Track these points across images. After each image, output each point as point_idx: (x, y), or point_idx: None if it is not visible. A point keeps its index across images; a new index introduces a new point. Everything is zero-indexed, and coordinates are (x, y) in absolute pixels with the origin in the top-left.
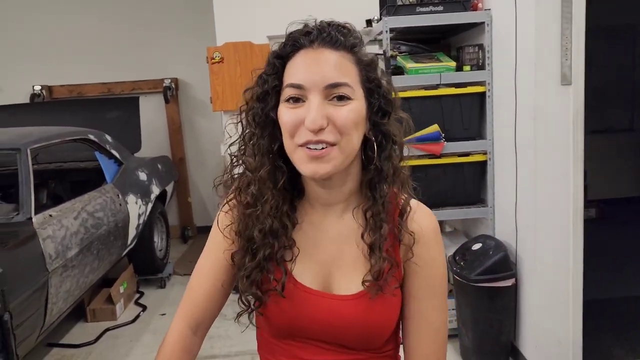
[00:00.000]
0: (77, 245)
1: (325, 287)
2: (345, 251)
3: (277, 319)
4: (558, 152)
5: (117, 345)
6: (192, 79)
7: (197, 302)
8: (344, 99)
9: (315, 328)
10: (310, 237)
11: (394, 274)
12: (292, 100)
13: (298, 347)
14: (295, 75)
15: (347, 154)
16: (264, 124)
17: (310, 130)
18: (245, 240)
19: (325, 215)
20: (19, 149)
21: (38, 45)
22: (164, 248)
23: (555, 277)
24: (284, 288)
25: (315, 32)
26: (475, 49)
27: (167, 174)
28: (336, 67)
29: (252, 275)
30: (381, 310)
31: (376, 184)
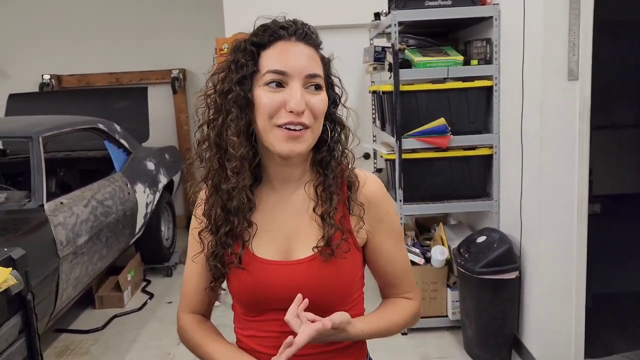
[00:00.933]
0: (87, 233)
1: (284, 257)
2: (301, 222)
3: (240, 292)
4: (564, 147)
5: (124, 331)
6: (200, 70)
7: (191, 295)
8: (319, 88)
9: (277, 296)
10: (269, 215)
11: (345, 240)
12: (275, 84)
13: (266, 320)
14: (278, 63)
15: (314, 137)
16: (244, 106)
17: (295, 112)
18: (209, 219)
19: (282, 193)
20: (30, 137)
21: (47, 35)
22: (170, 237)
23: (559, 270)
24: (241, 260)
25: (293, 27)
26: (483, 43)
27: (174, 164)
28: (312, 59)
29: (215, 251)
30: (334, 272)
31: (328, 162)
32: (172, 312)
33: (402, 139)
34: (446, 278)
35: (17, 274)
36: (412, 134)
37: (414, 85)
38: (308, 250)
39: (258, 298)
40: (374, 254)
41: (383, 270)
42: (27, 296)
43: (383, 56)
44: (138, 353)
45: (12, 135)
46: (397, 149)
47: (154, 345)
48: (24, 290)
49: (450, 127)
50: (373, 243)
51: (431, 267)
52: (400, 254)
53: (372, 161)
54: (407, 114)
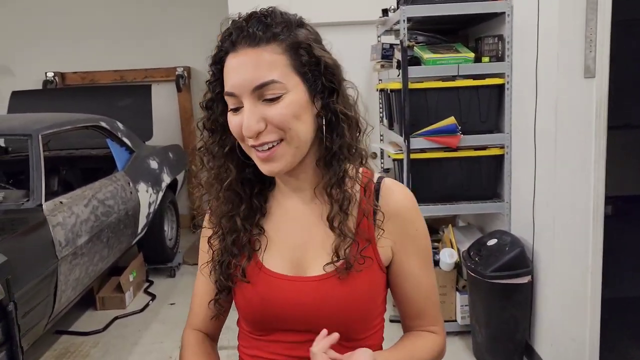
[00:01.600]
0: (87, 233)
1: (296, 272)
2: (315, 234)
3: (246, 308)
4: (579, 147)
5: (125, 334)
6: (205, 68)
7: (198, 309)
8: (275, 99)
9: (286, 315)
10: (281, 224)
11: (363, 252)
12: (233, 109)
13: (273, 341)
14: (227, 83)
15: (297, 145)
16: (213, 130)
17: (248, 137)
18: (217, 226)
19: (296, 201)
20: (30, 135)
21: (51, 32)
22: (174, 237)
23: (573, 274)
24: (245, 273)
25: (234, 34)
26: (494, 40)
27: (178, 163)
28: (260, 66)
29: (220, 260)
30: (351, 291)
31: (329, 162)
32: (174, 314)
33: (410, 138)
34: (455, 282)
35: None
36: (421, 133)
37: (423, 83)
38: (321, 264)
39: (265, 316)
40: (399, 276)
41: (408, 297)
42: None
43: (391, 53)
44: (139, 356)
45: (12, 132)
46: (405, 148)
47: (156, 348)
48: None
49: (461, 127)
50: (398, 263)
51: (440, 270)
52: (429, 280)
53: (380, 161)
54: (416, 112)
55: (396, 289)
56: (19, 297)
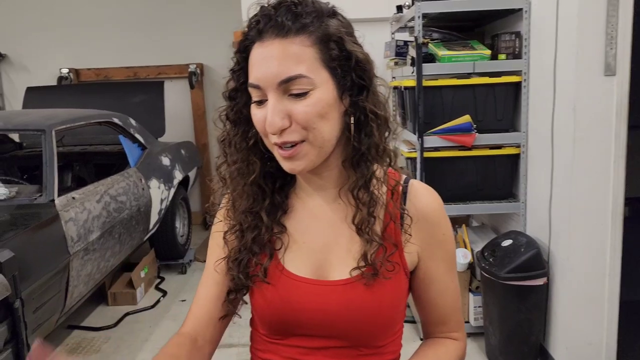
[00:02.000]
0: (99, 229)
1: (319, 275)
2: (339, 236)
3: (264, 310)
4: (598, 147)
5: (136, 330)
6: (217, 65)
7: (196, 312)
8: (302, 94)
9: (306, 320)
10: (303, 223)
11: (390, 257)
12: (257, 103)
13: (290, 345)
14: (252, 75)
15: (320, 146)
16: (237, 122)
17: (272, 133)
18: (235, 221)
19: (319, 200)
20: (43, 130)
21: (66, 28)
22: (185, 234)
23: (590, 276)
24: (267, 274)
25: (262, 22)
26: (511, 37)
27: (190, 160)
28: (287, 58)
29: (239, 258)
30: (377, 297)
31: (357, 163)
32: (185, 310)
33: (424, 136)
34: (468, 282)
35: (3, 279)
36: (435, 131)
37: (437, 80)
38: (345, 268)
39: (284, 319)
40: (425, 281)
41: (433, 302)
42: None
43: (405, 50)
44: (150, 353)
45: (25, 127)
46: (419, 147)
47: None
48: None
49: (476, 125)
50: (425, 268)
51: None
52: (453, 286)
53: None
54: (430, 110)
55: (420, 294)
56: (30, 292)
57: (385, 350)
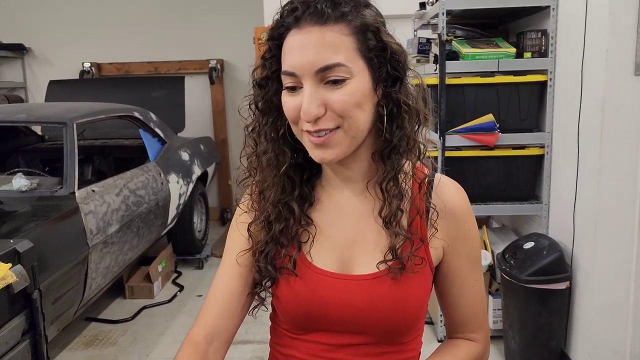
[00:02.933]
0: (118, 222)
1: (344, 269)
2: (366, 230)
3: (290, 303)
4: (626, 148)
5: (152, 323)
6: (238, 61)
7: (213, 310)
8: (339, 82)
9: (331, 315)
10: (330, 216)
11: (416, 252)
12: (289, 89)
13: (312, 341)
14: (287, 62)
15: (354, 135)
16: (267, 110)
17: (307, 121)
18: (261, 212)
19: (345, 193)
20: (65, 123)
21: (88, 23)
22: (203, 229)
23: (615, 281)
24: (296, 265)
25: (300, 9)
26: (537, 35)
27: (209, 155)
28: (325, 46)
29: (265, 249)
30: (403, 292)
31: (387, 155)
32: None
33: (446, 135)
34: (488, 285)
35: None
36: (457, 130)
37: (460, 78)
38: (372, 262)
39: (309, 313)
40: (447, 278)
41: (454, 301)
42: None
43: (428, 48)
44: (166, 347)
45: (47, 120)
46: (441, 145)
47: (182, 339)
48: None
49: (499, 124)
50: (448, 264)
51: None
52: (478, 284)
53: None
54: (453, 109)
55: (443, 290)
56: (49, 283)
57: (408, 347)
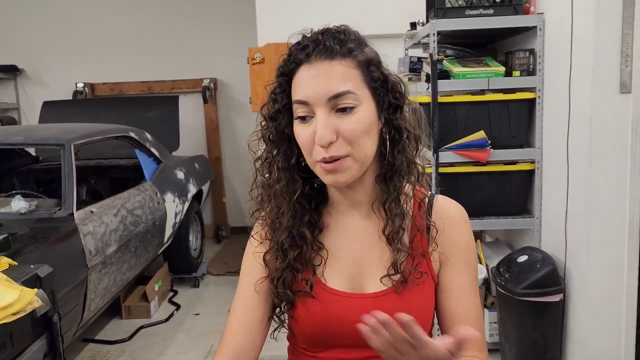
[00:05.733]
0: (116, 242)
1: (355, 288)
2: (372, 249)
3: (307, 323)
4: (615, 163)
5: (150, 343)
6: (231, 80)
7: (235, 338)
8: (348, 110)
9: (346, 331)
10: (339, 240)
11: (418, 267)
12: (301, 119)
13: (329, 358)
14: (299, 92)
15: (362, 161)
16: (278, 142)
17: (320, 146)
18: (275, 242)
19: (351, 217)
20: (63, 145)
21: (81, 43)
22: (198, 247)
23: (607, 294)
24: (312, 288)
25: (311, 46)
26: (525, 54)
27: (204, 174)
28: (335, 76)
29: (282, 276)
30: (408, 306)
31: (390, 177)
32: (199, 324)
33: (439, 152)
34: (483, 298)
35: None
36: (450, 147)
37: (452, 96)
38: (378, 280)
39: (325, 331)
40: (444, 289)
41: (451, 313)
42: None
43: (419, 67)
44: None
45: (45, 142)
46: (434, 162)
47: (181, 358)
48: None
49: (490, 141)
50: (444, 275)
51: None
52: (474, 300)
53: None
54: (445, 126)
55: (440, 302)
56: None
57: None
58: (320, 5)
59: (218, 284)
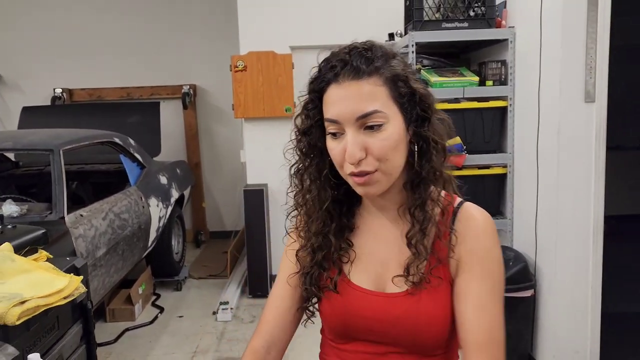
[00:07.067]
0: (105, 245)
1: (378, 287)
2: (396, 251)
3: (331, 317)
4: (580, 167)
5: (136, 345)
6: (211, 86)
7: (269, 324)
8: (376, 127)
9: (366, 326)
10: (368, 241)
11: (435, 272)
12: (332, 135)
13: (352, 350)
14: (330, 111)
15: (391, 174)
16: (311, 154)
17: (350, 164)
18: (307, 241)
19: (380, 219)
20: (52, 150)
21: (59, 49)
22: (180, 251)
23: (574, 288)
24: (337, 286)
25: (339, 67)
26: (498, 65)
27: (185, 179)
28: (363, 97)
29: (311, 272)
30: (428, 308)
31: (417, 185)
32: (184, 326)
33: None
34: None
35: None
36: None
37: None
38: (399, 281)
39: (347, 326)
40: (459, 295)
41: (463, 321)
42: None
43: None
44: None
45: (35, 147)
46: None
47: (167, 359)
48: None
49: (466, 146)
50: (459, 281)
51: None
52: (491, 309)
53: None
54: None
55: (456, 309)
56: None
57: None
58: (301, 15)
59: (200, 287)
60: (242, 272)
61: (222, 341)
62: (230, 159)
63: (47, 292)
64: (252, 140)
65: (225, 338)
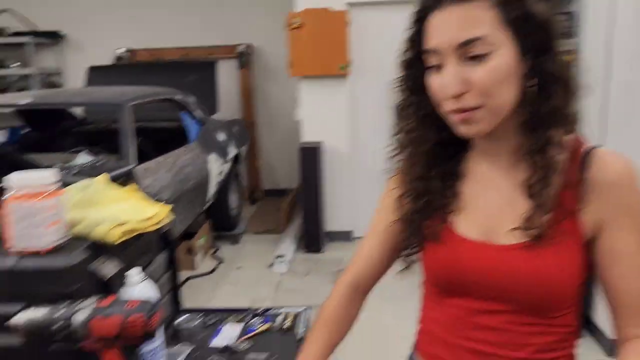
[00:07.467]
0: (169, 197)
1: (487, 238)
2: (512, 200)
3: (434, 268)
4: None
5: (199, 291)
6: (267, 46)
7: (360, 261)
8: (480, 57)
9: (471, 280)
10: (476, 188)
11: (560, 225)
12: (433, 68)
13: (454, 305)
14: (428, 40)
15: (497, 112)
16: (413, 90)
17: (447, 98)
18: (409, 185)
19: (492, 165)
20: (120, 105)
21: (122, 9)
22: (237, 207)
23: None
24: (439, 235)
25: None
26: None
27: (241, 137)
28: (466, 21)
29: (412, 219)
30: (546, 263)
31: (534, 126)
32: (243, 276)
33: None
34: None
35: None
36: None
37: None
38: (514, 232)
39: (450, 277)
40: (608, 256)
41: (620, 284)
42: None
43: None
44: None
45: (105, 102)
46: None
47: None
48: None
49: None
50: (607, 241)
51: None
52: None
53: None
54: None
55: (605, 273)
56: None
57: (557, 322)
58: None
59: (256, 242)
60: (296, 228)
61: (279, 292)
62: (284, 118)
63: (142, 217)
64: (308, 99)
65: (281, 289)
